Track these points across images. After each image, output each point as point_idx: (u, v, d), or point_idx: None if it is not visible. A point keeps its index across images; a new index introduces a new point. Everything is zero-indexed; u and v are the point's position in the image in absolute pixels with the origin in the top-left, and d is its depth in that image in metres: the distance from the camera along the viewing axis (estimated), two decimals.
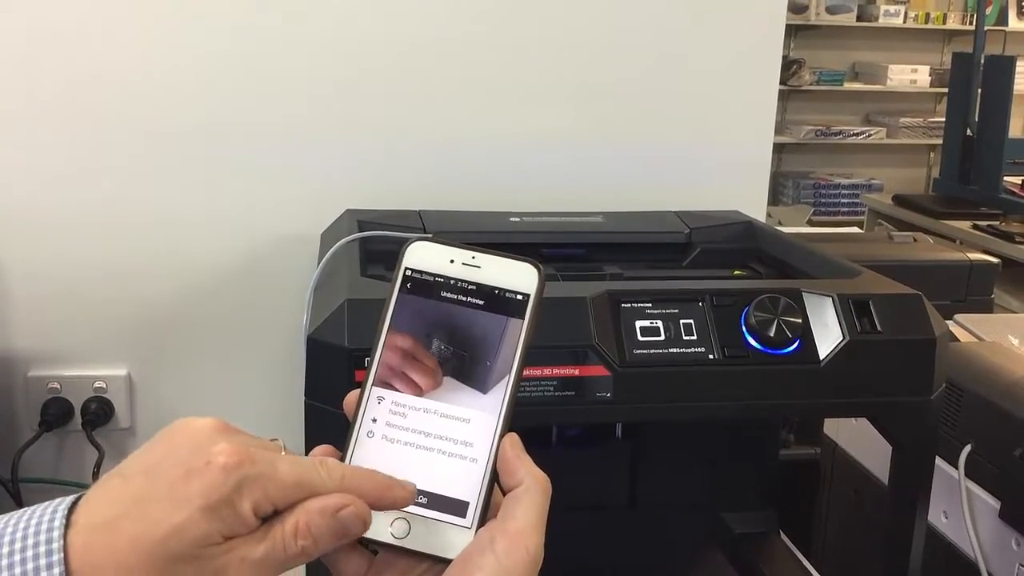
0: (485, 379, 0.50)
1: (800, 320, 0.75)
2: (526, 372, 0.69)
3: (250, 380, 1.19)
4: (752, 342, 0.75)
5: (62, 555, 0.43)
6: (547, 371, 0.71)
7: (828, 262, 0.91)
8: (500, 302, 0.51)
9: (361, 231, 0.95)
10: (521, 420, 0.83)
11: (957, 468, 1.05)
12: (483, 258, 0.52)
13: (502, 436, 0.50)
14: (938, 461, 1.05)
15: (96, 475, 1.08)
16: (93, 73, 1.09)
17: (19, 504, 1.08)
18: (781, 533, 1.12)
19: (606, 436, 1.05)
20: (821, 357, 0.75)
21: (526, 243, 1.01)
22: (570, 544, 1.02)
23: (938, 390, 0.79)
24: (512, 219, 1.05)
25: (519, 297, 0.51)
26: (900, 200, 3.87)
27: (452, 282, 0.51)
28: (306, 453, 0.71)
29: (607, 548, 1.03)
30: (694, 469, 1.08)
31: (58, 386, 1.14)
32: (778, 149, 5.39)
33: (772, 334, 0.75)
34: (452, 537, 0.48)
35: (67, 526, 0.43)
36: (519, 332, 0.51)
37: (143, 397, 1.18)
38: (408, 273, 0.52)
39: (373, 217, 1.02)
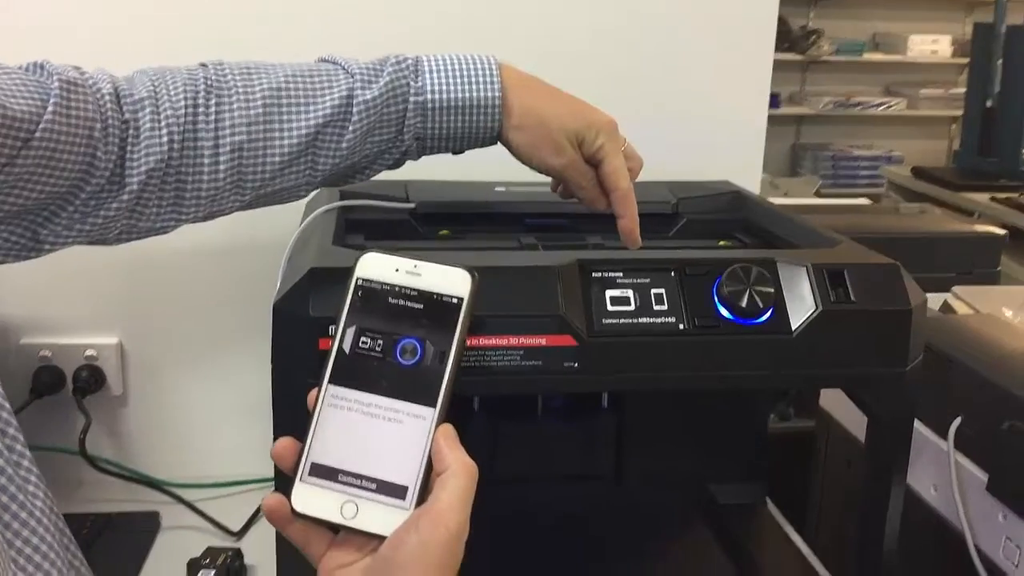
0: (425, 376, 0.56)
1: (772, 290, 0.74)
2: (492, 341, 0.70)
3: (240, 349, 1.20)
4: (723, 312, 0.74)
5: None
6: (513, 340, 0.70)
7: (810, 232, 0.90)
8: (438, 306, 0.57)
9: (343, 200, 0.95)
10: (487, 389, 0.84)
11: (947, 440, 1.05)
12: (423, 266, 0.58)
13: (438, 427, 0.56)
14: (928, 433, 1.04)
15: (83, 442, 1.09)
16: (90, 52, 1.09)
17: None
18: (769, 503, 1.12)
19: (592, 407, 1.05)
20: (793, 328, 0.74)
21: (510, 213, 1.01)
22: (553, 515, 1.03)
23: (914, 362, 0.78)
24: (497, 189, 1.05)
25: (454, 301, 0.57)
26: (919, 172, 3.83)
27: (397, 289, 0.58)
28: (274, 423, 0.72)
29: (591, 519, 1.03)
30: (681, 440, 1.08)
31: (49, 354, 1.15)
32: (797, 120, 5.34)
33: (744, 304, 0.74)
34: (393, 518, 0.54)
35: None
36: (454, 333, 0.57)
37: (134, 365, 1.19)
38: (359, 283, 0.58)
39: (358, 187, 1.01)
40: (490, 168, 1.13)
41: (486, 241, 0.96)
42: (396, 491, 0.55)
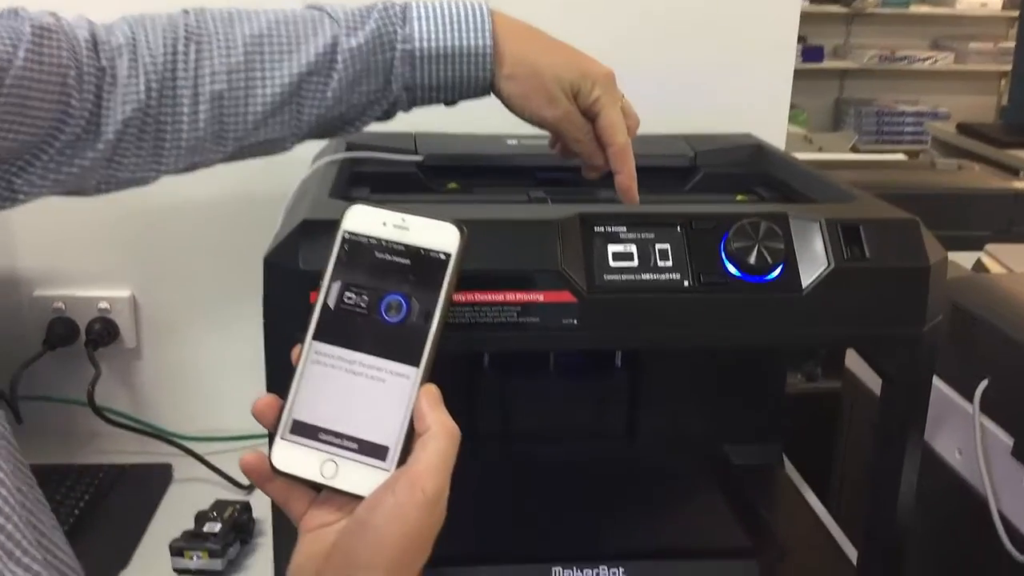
0: (409, 335, 0.55)
1: (782, 246, 0.71)
2: (487, 296, 0.68)
3: (252, 303, 1.18)
4: (730, 269, 0.71)
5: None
6: (510, 296, 0.68)
7: (830, 187, 0.87)
8: (425, 261, 0.55)
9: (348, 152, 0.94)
10: (483, 345, 0.82)
11: (973, 403, 1.02)
12: (412, 220, 0.56)
13: (421, 387, 0.54)
14: (954, 396, 1.01)
15: (92, 393, 1.09)
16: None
17: (19, 420, 1.10)
18: (788, 465, 1.10)
19: (606, 365, 1.03)
20: (804, 285, 0.71)
21: (520, 166, 0.98)
22: (565, 473, 1.01)
23: (932, 322, 0.75)
24: (509, 142, 1.02)
25: (442, 256, 0.55)
26: (964, 128, 3.73)
27: (384, 243, 0.56)
28: (267, 375, 0.71)
29: (602, 477, 1.02)
30: (695, 400, 1.06)
31: (63, 306, 1.16)
32: (841, 75, 5.22)
33: (752, 261, 0.71)
34: (373, 478, 0.53)
35: None
36: (440, 290, 0.55)
37: (147, 318, 1.19)
38: (346, 236, 0.56)
39: (366, 139, 0.99)
40: (502, 120, 1.11)
41: (495, 195, 0.94)
42: (377, 451, 0.53)
